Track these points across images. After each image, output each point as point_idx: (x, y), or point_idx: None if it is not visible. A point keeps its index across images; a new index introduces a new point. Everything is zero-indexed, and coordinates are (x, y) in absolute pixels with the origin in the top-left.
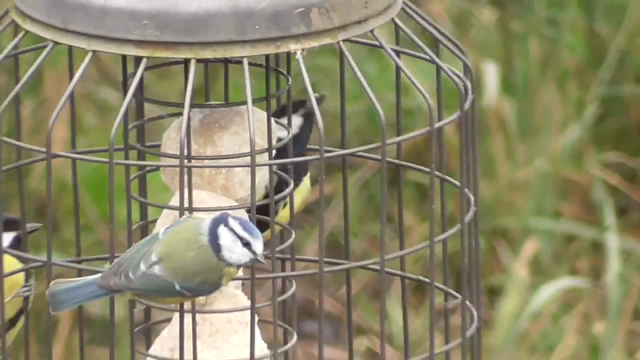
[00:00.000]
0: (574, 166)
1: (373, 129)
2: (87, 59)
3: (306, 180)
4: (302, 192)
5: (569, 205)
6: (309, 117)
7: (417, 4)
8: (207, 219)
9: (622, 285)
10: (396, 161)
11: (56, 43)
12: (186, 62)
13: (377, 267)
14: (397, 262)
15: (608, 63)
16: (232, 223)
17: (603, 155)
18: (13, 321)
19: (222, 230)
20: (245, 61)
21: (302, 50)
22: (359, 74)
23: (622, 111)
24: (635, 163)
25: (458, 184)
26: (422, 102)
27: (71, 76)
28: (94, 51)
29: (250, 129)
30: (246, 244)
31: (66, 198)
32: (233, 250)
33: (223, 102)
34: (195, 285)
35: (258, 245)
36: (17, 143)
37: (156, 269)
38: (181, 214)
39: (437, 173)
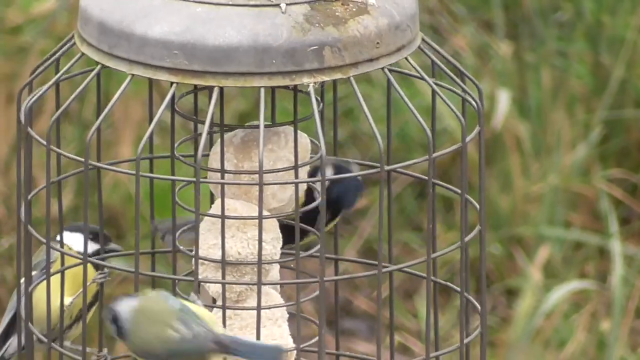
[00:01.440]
0: (581, 181)
1: (403, 148)
2: (126, 81)
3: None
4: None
5: (578, 215)
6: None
7: (442, 38)
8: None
9: (626, 287)
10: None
11: (103, 66)
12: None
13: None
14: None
15: (611, 90)
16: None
17: (607, 171)
18: (91, 305)
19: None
20: (262, 90)
21: (315, 83)
22: (363, 104)
23: (624, 132)
24: (637, 178)
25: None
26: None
27: (150, 102)
28: (132, 75)
29: (260, 151)
30: None
31: (131, 209)
32: None
33: (246, 124)
34: None
35: None
36: (59, 151)
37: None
38: (222, 222)
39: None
